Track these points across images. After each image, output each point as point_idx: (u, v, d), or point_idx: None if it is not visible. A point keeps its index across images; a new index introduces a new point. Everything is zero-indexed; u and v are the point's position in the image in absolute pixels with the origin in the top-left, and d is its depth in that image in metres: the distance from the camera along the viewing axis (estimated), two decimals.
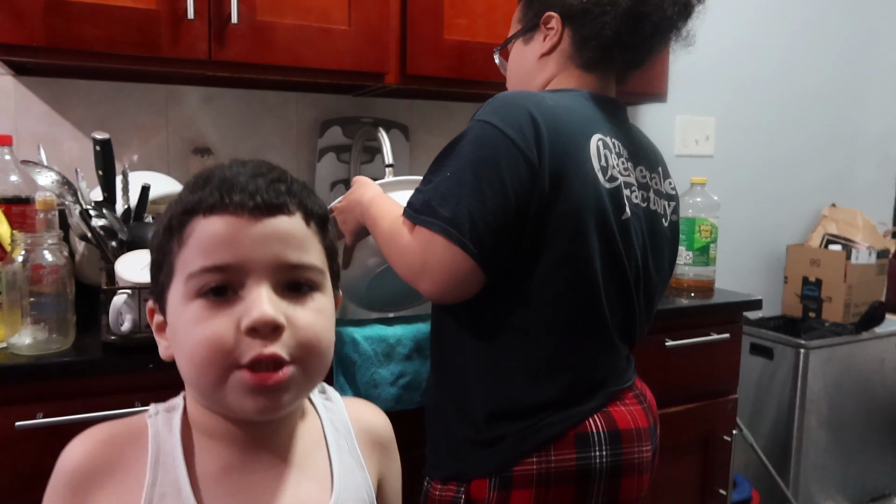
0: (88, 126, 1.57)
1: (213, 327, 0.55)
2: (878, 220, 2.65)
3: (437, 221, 0.93)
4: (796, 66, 2.50)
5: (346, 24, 1.43)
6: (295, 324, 0.57)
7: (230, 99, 1.70)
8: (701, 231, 1.77)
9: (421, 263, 0.95)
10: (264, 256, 0.56)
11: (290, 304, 0.58)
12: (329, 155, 1.80)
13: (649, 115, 2.24)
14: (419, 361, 1.23)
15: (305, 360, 0.58)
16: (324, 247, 0.62)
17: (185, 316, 0.57)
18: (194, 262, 0.57)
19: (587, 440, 0.99)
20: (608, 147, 1.02)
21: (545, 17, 1.08)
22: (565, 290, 0.98)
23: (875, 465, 2.33)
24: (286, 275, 0.58)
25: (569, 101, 1.02)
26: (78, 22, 1.23)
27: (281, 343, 0.56)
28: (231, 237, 0.56)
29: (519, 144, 0.93)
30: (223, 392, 0.57)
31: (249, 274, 0.56)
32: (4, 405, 1.03)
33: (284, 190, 0.59)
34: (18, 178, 1.26)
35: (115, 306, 1.06)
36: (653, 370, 1.53)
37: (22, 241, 1.08)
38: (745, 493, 1.98)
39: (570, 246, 0.97)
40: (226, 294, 0.56)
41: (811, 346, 2.10)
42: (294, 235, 0.58)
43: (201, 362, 0.56)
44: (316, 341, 0.58)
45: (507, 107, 0.96)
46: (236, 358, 0.55)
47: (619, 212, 1.01)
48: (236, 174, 0.59)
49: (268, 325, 0.55)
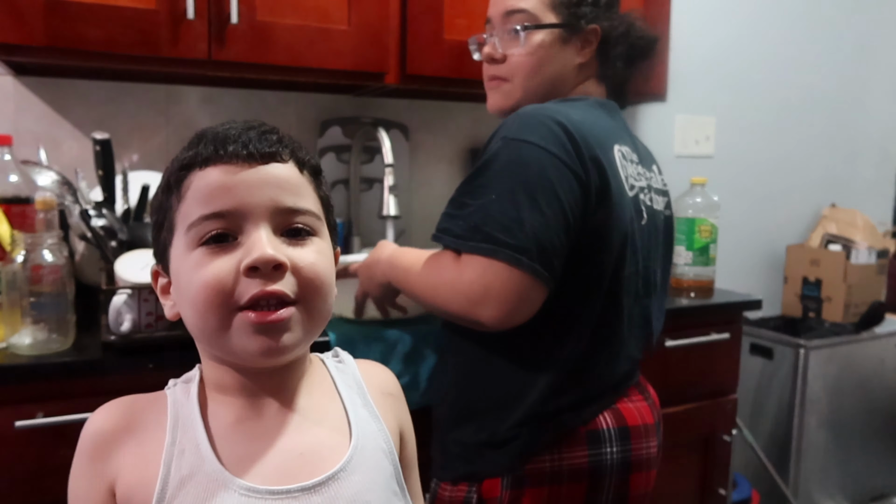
0: (88, 126, 1.57)
1: (213, 269, 0.56)
2: (878, 220, 2.65)
3: (499, 248, 0.89)
4: (796, 66, 2.50)
5: (345, 23, 1.43)
6: (296, 264, 0.58)
7: (230, 99, 1.70)
8: (701, 231, 1.77)
9: (482, 290, 0.90)
10: (261, 200, 0.58)
11: (291, 247, 0.59)
12: (329, 155, 1.80)
13: (649, 115, 2.24)
14: (418, 362, 1.23)
15: (308, 299, 0.59)
16: (318, 196, 0.63)
17: (187, 264, 0.58)
18: (193, 212, 0.58)
19: (598, 437, 1.00)
20: (625, 156, 1.04)
21: (592, 29, 1.07)
22: (600, 300, 0.98)
23: (875, 465, 2.33)
24: (284, 219, 0.59)
25: (586, 112, 1.02)
26: (78, 22, 1.23)
27: (283, 282, 0.57)
28: (228, 184, 0.57)
29: (565, 160, 0.91)
30: (228, 336, 0.57)
31: (248, 218, 0.57)
32: (4, 405, 1.03)
33: (276, 139, 0.61)
34: (18, 178, 1.26)
35: (114, 306, 1.06)
36: (653, 370, 1.53)
37: (22, 241, 1.08)
38: (744, 493, 1.98)
39: (608, 258, 0.97)
40: (226, 241, 0.57)
41: (811, 346, 2.10)
42: (289, 181, 0.60)
43: (204, 306, 0.57)
44: (318, 280, 0.59)
45: (539, 124, 0.94)
46: (237, 299, 0.56)
47: (639, 218, 1.03)
48: (228, 129, 0.61)
49: (269, 264, 0.56)
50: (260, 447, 0.60)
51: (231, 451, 0.60)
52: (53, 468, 1.06)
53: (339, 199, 1.81)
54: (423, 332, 1.24)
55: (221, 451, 0.60)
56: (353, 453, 0.62)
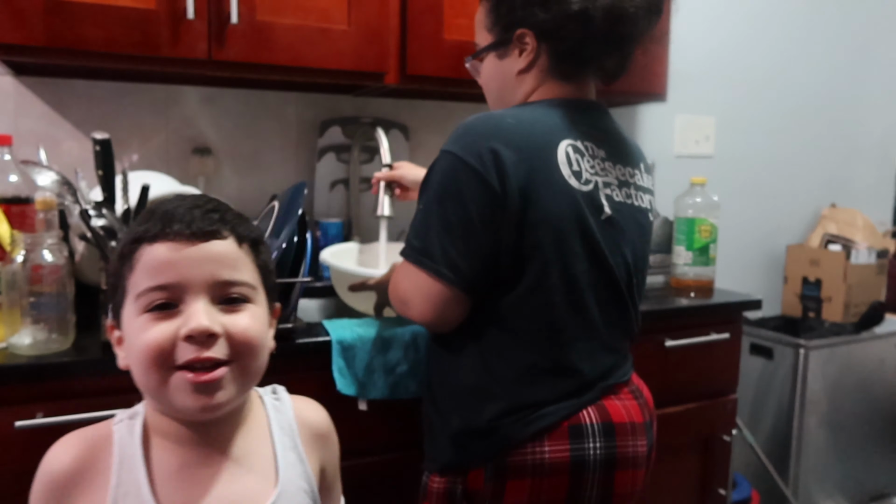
0: (88, 126, 1.57)
1: (155, 334, 0.64)
2: (878, 220, 2.65)
3: (413, 253, 1.00)
4: (796, 66, 2.50)
5: (345, 24, 1.43)
6: (230, 330, 0.66)
7: (230, 99, 1.70)
8: (701, 231, 1.77)
9: (404, 295, 1.03)
10: (201, 275, 0.66)
11: (227, 315, 0.67)
12: (329, 155, 1.80)
13: (649, 115, 2.24)
14: (417, 352, 1.24)
15: (240, 359, 0.67)
16: (256, 266, 0.71)
17: (134, 327, 0.66)
18: (141, 283, 0.66)
19: (581, 431, 1.00)
20: (580, 151, 1.03)
21: (519, 34, 1.06)
22: (552, 297, 1.00)
23: (875, 465, 2.33)
24: (221, 290, 0.67)
25: (534, 114, 1.03)
26: (77, 22, 1.23)
27: (216, 347, 0.65)
28: (172, 260, 0.65)
29: (479, 172, 0.96)
30: (167, 392, 0.65)
31: (188, 290, 0.65)
32: (4, 405, 1.03)
33: (217, 218, 0.68)
34: (18, 178, 1.26)
35: None
36: (652, 370, 1.54)
37: (22, 241, 1.08)
38: (744, 493, 1.99)
39: (551, 255, 0.99)
40: (169, 309, 0.65)
41: (811, 346, 2.10)
42: (227, 256, 0.68)
43: (146, 364, 0.65)
44: (250, 343, 0.68)
45: (467, 135, 0.99)
46: (175, 360, 0.64)
47: (597, 213, 1.02)
48: (176, 207, 0.68)
49: (203, 333, 0.64)
50: (197, 494, 0.68)
51: (170, 498, 0.67)
52: None
53: (338, 199, 1.81)
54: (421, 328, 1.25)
55: (162, 496, 0.67)
56: (276, 499, 0.71)
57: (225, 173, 1.72)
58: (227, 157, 1.72)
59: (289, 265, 1.17)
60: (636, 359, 1.15)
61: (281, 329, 1.18)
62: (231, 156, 1.72)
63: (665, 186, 2.03)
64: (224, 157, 1.71)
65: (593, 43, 1.03)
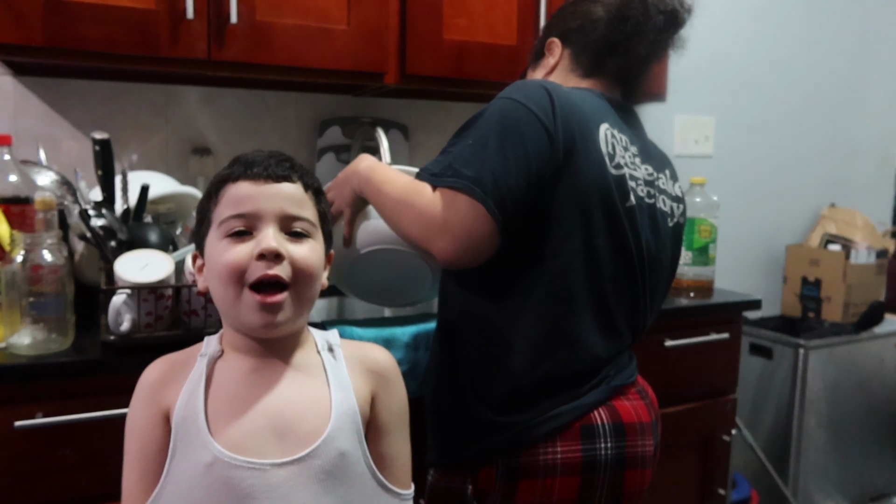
0: (88, 126, 1.57)
1: (234, 254, 0.77)
2: (878, 219, 2.66)
3: (461, 180, 0.95)
4: (796, 67, 2.50)
5: (345, 24, 1.43)
6: (292, 255, 0.78)
7: (229, 99, 1.70)
8: (700, 231, 1.77)
9: (442, 221, 0.96)
10: (273, 208, 0.78)
11: (290, 244, 0.78)
12: (328, 155, 1.80)
13: (649, 115, 2.24)
14: (419, 351, 1.24)
15: (299, 284, 0.78)
16: (317, 210, 0.83)
17: (217, 249, 0.78)
18: (224, 213, 0.79)
19: (593, 432, 1.01)
20: (615, 138, 1.06)
21: (548, 44, 1.16)
22: (571, 263, 1.00)
23: (874, 465, 2.33)
24: (288, 223, 0.79)
25: (582, 93, 1.08)
26: (77, 22, 1.23)
27: (281, 268, 0.76)
28: (251, 194, 0.78)
29: (540, 117, 0.98)
30: (239, 308, 0.77)
31: (262, 219, 0.78)
32: (4, 405, 1.03)
33: (289, 166, 0.81)
34: (18, 178, 1.26)
35: (114, 306, 1.06)
36: (652, 370, 1.53)
37: (21, 241, 1.08)
38: (744, 493, 1.99)
39: (577, 220, 1.00)
40: (245, 235, 0.78)
41: (810, 346, 2.10)
42: (294, 196, 0.80)
43: (225, 279, 0.76)
44: (308, 269, 0.79)
45: (528, 87, 1.02)
46: (248, 277, 0.76)
47: (623, 198, 1.04)
48: (256, 155, 0.82)
49: (272, 252, 0.76)
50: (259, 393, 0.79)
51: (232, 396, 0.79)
52: (53, 468, 1.06)
53: None
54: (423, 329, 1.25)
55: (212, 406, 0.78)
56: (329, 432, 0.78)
57: None
58: (226, 158, 1.70)
59: None
60: (636, 359, 1.16)
61: None
62: (231, 156, 1.69)
63: None
64: (224, 158, 1.71)
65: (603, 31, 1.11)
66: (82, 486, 1.08)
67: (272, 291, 0.76)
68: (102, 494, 1.08)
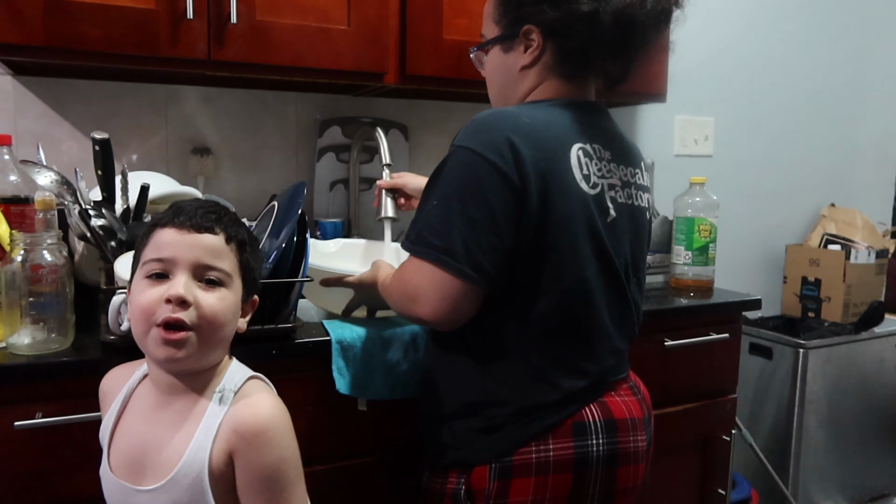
0: (87, 126, 1.57)
1: (147, 295, 0.84)
2: (878, 219, 2.65)
3: (432, 252, 0.95)
4: (796, 66, 2.50)
5: (345, 23, 1.43)
6: (200, 302, 0.84)
7: (229, 99, 1.70)
8: (700, 231, 1.77)
9: (414, 291, 0.98)
10: (189, 256, 0.85)
11: (202, 291, 0.85)
12: (328, 155, 1.80)
13: (649, 115, 2.24)
14: (419, 352, 1.24)
15: (203, 328, 0.84)
16: (238, 261, 0.89)
17: (137, 288, 0.86)
18: (148, 254, 0.86)
19: (584, 429, 1.01)
20: (589, 154, 1.03)
21: (526, 30, 1.05)
22: (566, 300, 1.00)
23: (874, 465, 2.33)
24: (202, 272, 0.86)
25: (546, 114, 1.02)
26: (77, 22, 1.23)
27: (186, 312, 0.83)
28: (171, 242, 0.86)
29: (501, 168, 0.94)
30: (147, 343, 0.85)
31: (178, 265, 0.85)
32: (3, 405, 1.03)
33: (214, 218, 0.88)
34: (17, 178, 1.26)
35: (114, 306, 1.06)
36: (652, 370, 1.53)
37: (21, 241, 1.08)
38: (744, 493, 1.99)
39: (566, 257, 0.99)
40: (162, 278, 0.85)
41: (810, 346, 2.10)
42: (212, 247, 0.87)
43: (137, 316, 0.85)
44: (213, 317, 0.85)
45: (485, 131, 0.97)
46: (156, 318, 0.83)
47: (604, 216, 1.03)
48: (189, 204, 0.89)
49: (178, 299, 0.83)
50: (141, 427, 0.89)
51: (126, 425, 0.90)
52: (53, 468, 1.06)
53: (338, 199, 1.81)
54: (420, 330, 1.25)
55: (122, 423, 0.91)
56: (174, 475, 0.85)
57: (224, 173, 1.72)
58: (226, 157, 1.72)
59: (288, 265, 1.17)
60: (636, 359, 1.16)
61: (281, 328, 1.18)
62: (230, 156, 1.72)
63: (664, 186, 2.03)
64: (223, 157, 1.71)
65: (599, 46, 1.02)
66: (82, 486, 1.07)
67: (176, 330, 0.83)
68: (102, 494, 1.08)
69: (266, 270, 1.15)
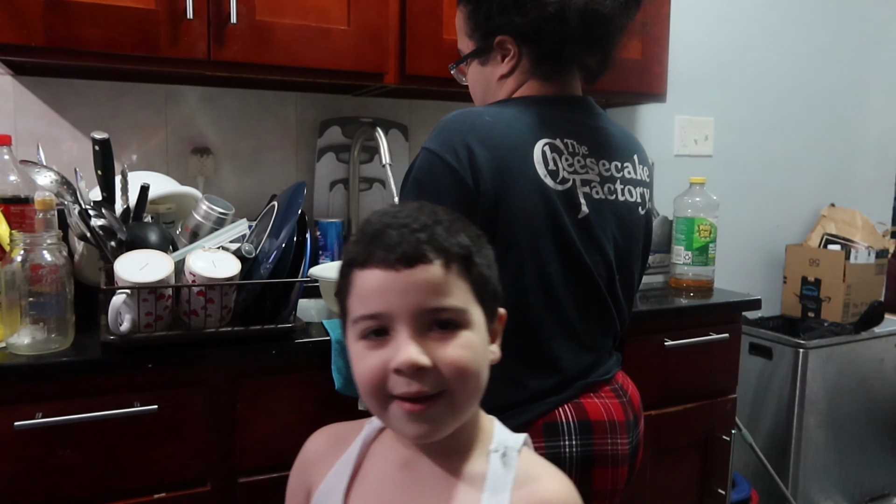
0: (87, 126, 1.57)
1: (369, 365, 0.65)
2: (878, 219, 2.65)
3: None
4: (796, 66, 2.50)
5: (345, 23, 1.43)
6: (439, 361, 0.64)
7: (229, 99, 1.70)
8: (700, 231, 1.77)
9: None
10: (407, 304, 0.64)
11: (437, 343, 0.65)
12: (328, 155, 1.80)
13: (649, 115, 2.24)
14: None
15: (452, 390, 0.65)
16: (469, 283, 0.68)
17: (354, 352, 0.68)
18: (356, 310, 0.67)
19: (556, 429, 1.00)
20: (557, 149, 1.03)
21: (499, 41, 1.07)
22: (528, 297, 1.00)
23: (874, 465, 2.33)
24: (429, 317, 0.65)
25: (510, 112, 1.03)
26: (77, 22, 1.23)
27: (426, 381, 0.64)
28: (379, 288, 0.65)
29: (454, 167, 0.97)
30: (387, 418, 0.68)
31: (395, 319, 0.64)
32: (3, 405, 1.03)
33: (424, 239, 0.65)
34: (17, 178, 1.26)
35: (114, 306, 1.06)
36: (652, 370, 1.54)
37: (21, 241, 1.08)
38: (744, 493, 1.99)
39: (526, 255, 0.99)
40: (381, 335, 0.66)
41: (810, 346, 2.10)
42: (433, 282, 0.65)
43: (365, 392, 0.67)
44: (461, 373, 0.65)
45: (444, 132, 1.01)
46: (390, 391, 0.65)
47: (573, 211, 1.02)
48: (386, 226, 0.67)
49: (410, 368, 0.63)
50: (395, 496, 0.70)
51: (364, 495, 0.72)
52: (52, 468, 1.06)
53: (338, 199, 1.81)
54: None
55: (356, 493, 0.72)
56: None
57: (224, 173, 1.72)
58: (226, 157, 1.72)
59: (288, 265, 1.17)
60: (636, 359, 1.15)
61: (281, 328, 1.18)
62: (230, 156, 1.72)
63: (664, 186, 2.03)
64: (223, 157, 1.71)
65: (571, 43, 1.04)
66: (82, 486, 1.08)
67: (420, 402, 0.65)
68: (102, 494, 1.09)
69: (266, 271, 1.15)
